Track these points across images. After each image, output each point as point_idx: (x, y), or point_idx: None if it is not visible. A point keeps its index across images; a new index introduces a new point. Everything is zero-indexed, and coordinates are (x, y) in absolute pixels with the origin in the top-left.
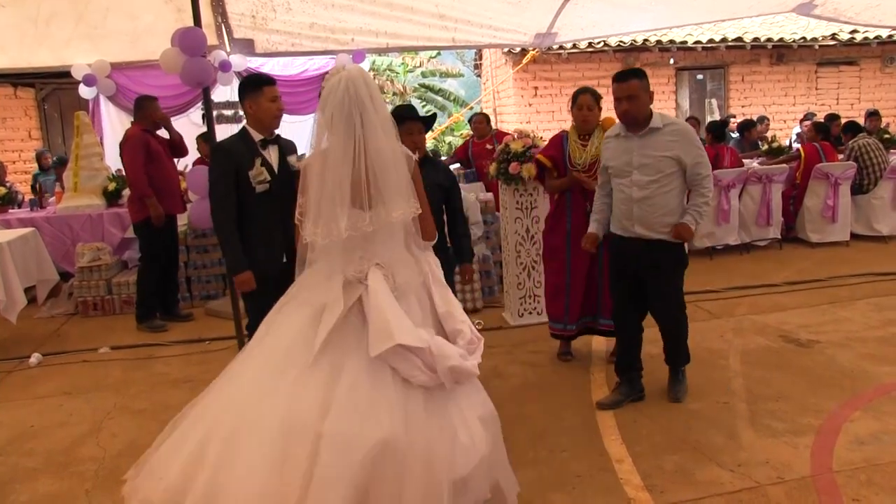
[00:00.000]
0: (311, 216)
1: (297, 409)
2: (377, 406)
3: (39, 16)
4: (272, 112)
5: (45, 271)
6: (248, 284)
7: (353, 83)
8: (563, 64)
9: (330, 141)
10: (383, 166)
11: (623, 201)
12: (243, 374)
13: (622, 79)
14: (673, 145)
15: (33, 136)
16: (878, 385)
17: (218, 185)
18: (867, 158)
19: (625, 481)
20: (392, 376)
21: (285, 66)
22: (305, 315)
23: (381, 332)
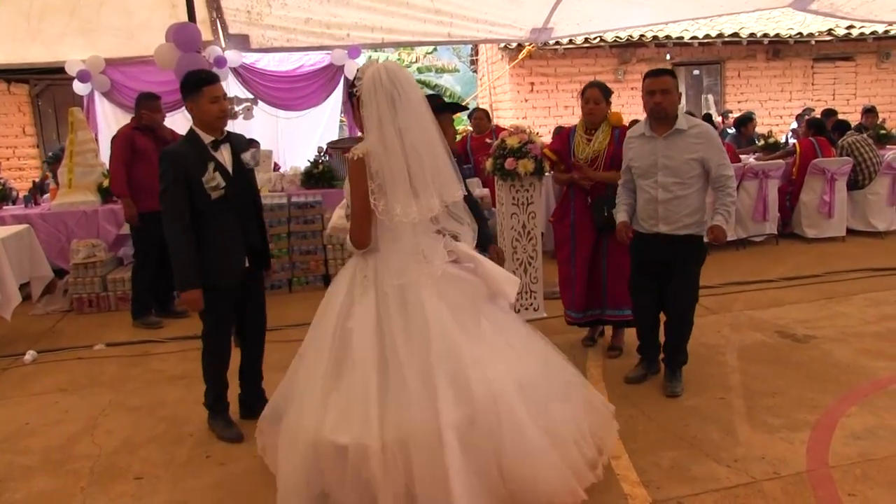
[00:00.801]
0: (397, 197)
1: (509, 365)
2: (527, 333)
3: (32, 11)
4: (214, 113)
5: (40, 268)
6: (195, 305)
7: (391, 71)
8: (559, 59)
9: (382, 128)
10: (434, 149)
11: (648, 201)
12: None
13: (657, 74)
14: (698, 147)
15: (27, 133)
16: (874, 380)
17: (168, 194)
18: (858, 155)
19: (621, 477)
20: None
21: (281, 62)
22: (433, 294)
23: (509, 279)
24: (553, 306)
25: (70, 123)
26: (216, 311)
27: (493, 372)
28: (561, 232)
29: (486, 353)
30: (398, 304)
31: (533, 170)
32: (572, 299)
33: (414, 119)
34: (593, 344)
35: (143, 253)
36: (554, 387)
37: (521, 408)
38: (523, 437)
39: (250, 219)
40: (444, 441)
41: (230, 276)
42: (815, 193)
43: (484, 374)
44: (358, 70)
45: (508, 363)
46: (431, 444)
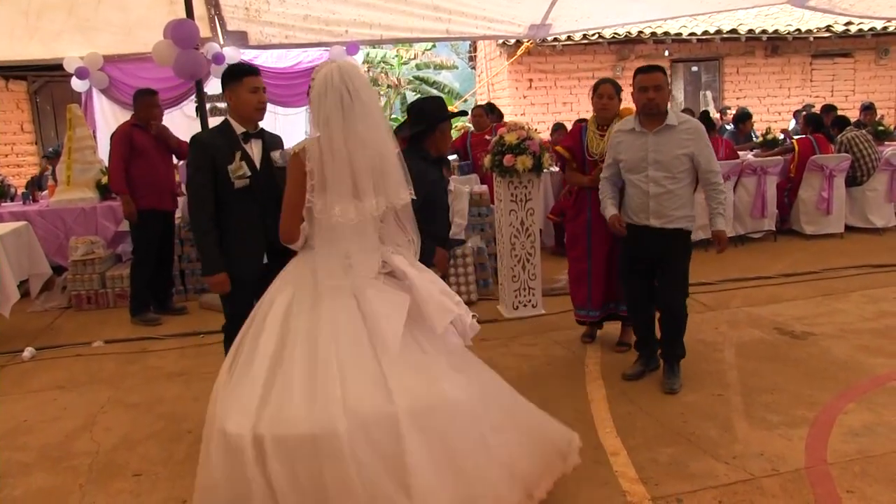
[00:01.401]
0: (323, 198)
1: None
2: (459, 358)
3: (30, 8)
4: (252, 104)
5: (38, 265)
6: (222, 286)
7: (345, 71)
8: (557, 56)
9: (329, 128)
10: (383, 152)
11: (638, 195)
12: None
13: (648, 70)
14: (688, 143)
15: (25, 129)
16: (872, 377)
17: (194, 180)
18: (857, 151)
19: (620, 474)
20: (444, 344)
21: (279, 59)
22: (352, 303)
23: (441, 307)
24: (551, 303)
25: (68, 120)
26: (234, 301)
27: (392, 392)
28: (575, 229)
29: (391, 371)
30: (310, 304)
31: (531, 166)
32: (588, 297)
33: (362, 121)
34: (592, 340)
35: (142, 250)
36: (474, 421)
37: (410, 437)
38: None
39: (273, 216)
40: (340, 445)
41: (247, 268)
42: (814, 190)
43: (379, 394)
44: (314, 70)
45: (415, 385)
46: (304, 448)
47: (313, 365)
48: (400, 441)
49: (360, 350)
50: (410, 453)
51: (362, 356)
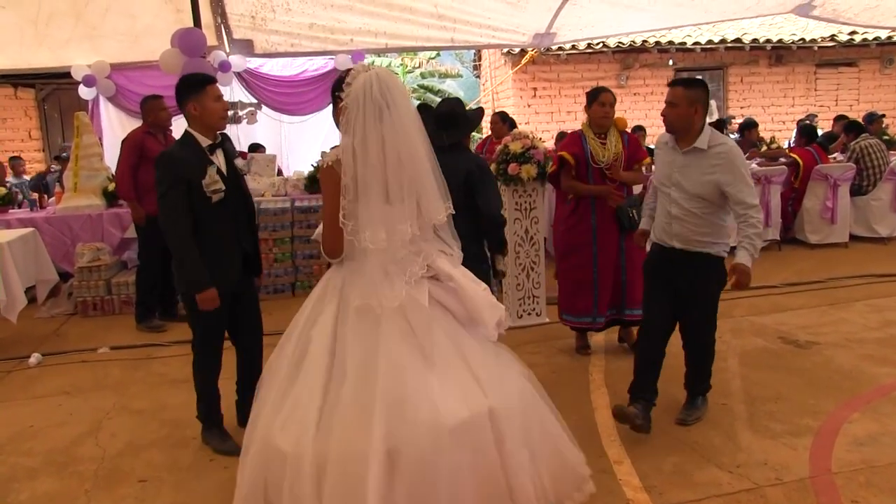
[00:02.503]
0: (363, 219)
1: (463, 402)
2: (503, 366)
3: (39, 16)
4: (219, 112)
5: (45, 271)
6: (212, 303)
7: (383, 80)
8: (561, 65)
9: (365, 138)
10: (420, 164)
11: (663, 214)
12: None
13: (671, 84)
14: (715, 169)
15: (33, 137)
16: (876, 386)
17: (169, 198)
18: (868, 160)
19: (624, 482)
20: (487, 342)
21: (284, 67)
22: (395, 323)
23: (491, 304)
24: (556, 311)
25: (75, 127)
26: (208, 317)
27: (440, 407)
28: (576, 238)
29: (440, 383)
30: (355, 321)
31: (536, 175)
32: (595, 304)
33: (401, 133)
34: (590, 350)
35: (148, 256)
36: (515, 431)
37: (459, 450)
38: (451, 483)
39: (243, 224)
40: (369, 467)
41: (226, 281)
42: (818, 199)
43: (428, 409)
44: (348, 74)
45: (463, 399)
46: (352, 467)
47: (358, 382)
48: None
49: (413, 366)
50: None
51: (414, 371)
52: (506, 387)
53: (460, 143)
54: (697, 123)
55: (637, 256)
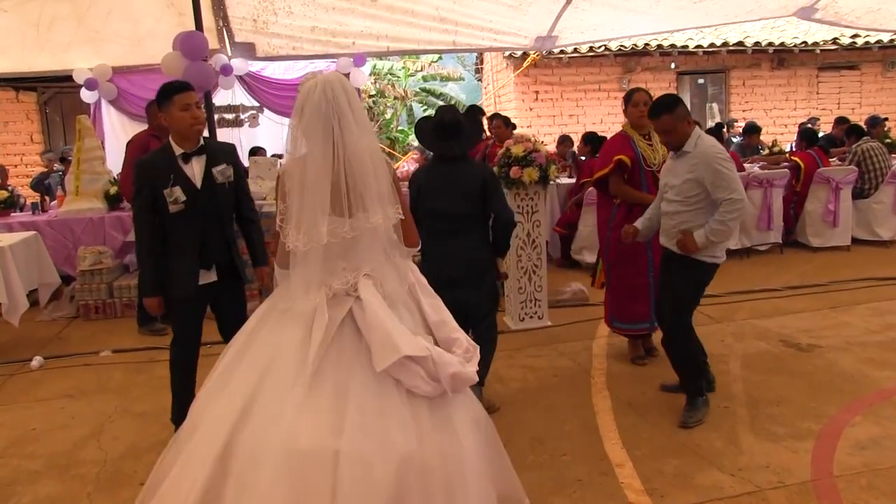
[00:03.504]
0: (292, 223)
1: (309, 433)
2: (389, 421)
3: (41, 20)
4: (185, 121)
5: (47, 274)
6: (155, 309)
7: (330, 87)
8: (563, 68)
9: (308, 146)
10: (363, 171)
11: (664, 217)
12: (235, 398)
13: (654, 115)
14: (695, 168)
15: (35, 140)
16: (878, 390)
17: (135, 203)
18: (870, 163)
19: (625, 485)
20: (397, 388)
21: (286, 70)
22: (297, 330)
23: (386, 345)
24: (557, 315)
25: (77, 131)
26: (177, 320)
27: (281, 430)
28: (631, 245)
29: (294, 406)
30: (272, 322)
31: (537, 178)
32: (652, 309)
33: (346, 138)
34: (645, 360)
35: None
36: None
37: (277, 477)
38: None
39: (214, 234)
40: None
41: (183, 289)
42: (820, 202)
43: (267, 426)
44: (301, 83)
45: (310, 427)
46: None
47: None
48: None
49: (286, 379)
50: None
51: (283, 385)
52: (378, 438)
53: (468, 154)
54: (689, 132)
55: None
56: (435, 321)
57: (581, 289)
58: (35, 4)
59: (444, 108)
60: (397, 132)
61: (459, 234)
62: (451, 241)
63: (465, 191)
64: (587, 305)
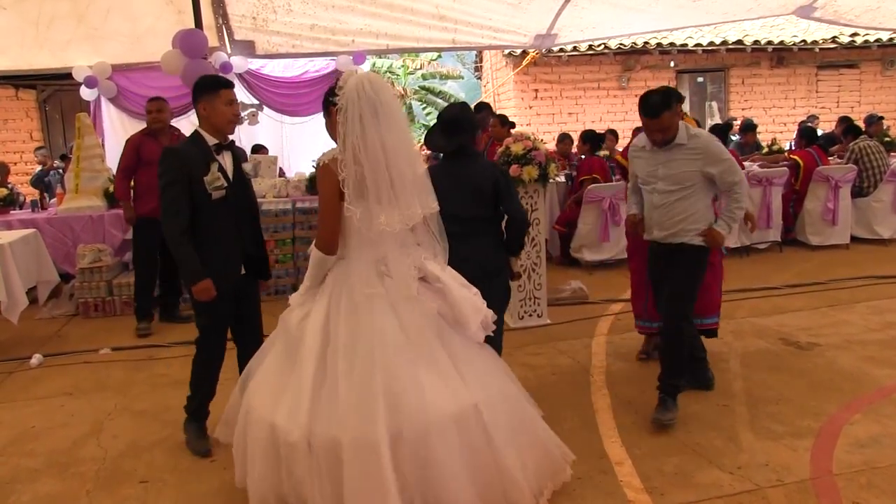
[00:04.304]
0: (377, 205)
1: (453, 395)
2: (484, 369)
3: (40, 18)
4: (227, 116)
5: (46, 272)
6: (208, 293)
7: (374, 82)
8: (563, 66)
9: (364, 136)
10: (413, 161)
11: (647, 207)
12: (370, 387)
13: (653, 115)
14: (696, 161)
15: (34, 138)
16: (878, 388)
17: (169, 192)
18: (867, 161)
19: (625, 483)
20: (471, 342)
21: (286, 68)
22: (389, 314)
23: (475, 307)
24: (557, 313)
25: (77, 129)
26: (211, 313)
27: (430, 400)
28: (636, 240)
29: (429, 379)
30: (348, 313)
31: (537, 176)
32: (644, 307)
33: (395, 130)
34: (647, 358)
35: (140, 258)
36: (499, 424)
37: (449, 441)
38: (444, 471)
39: (247, 226)
40: (381, 451)
41: (225, 278)
42: (819, 201)
43: (420, 401)
44: (339, 79)
45: (451, 393)
46: (366, 451)
47: (355, 373)
48: (439, 446)
49: (404, 360)
50: (444, 461)
51: (403, 364)
52: (489, 384)
53: (472, 149)
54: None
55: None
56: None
57: (580, 287)
58: (34, 2)
59: (449, 104)
60: None
61: (470, 237)
62: (462, 245)
63: (477, 191)
64: (587, 303)
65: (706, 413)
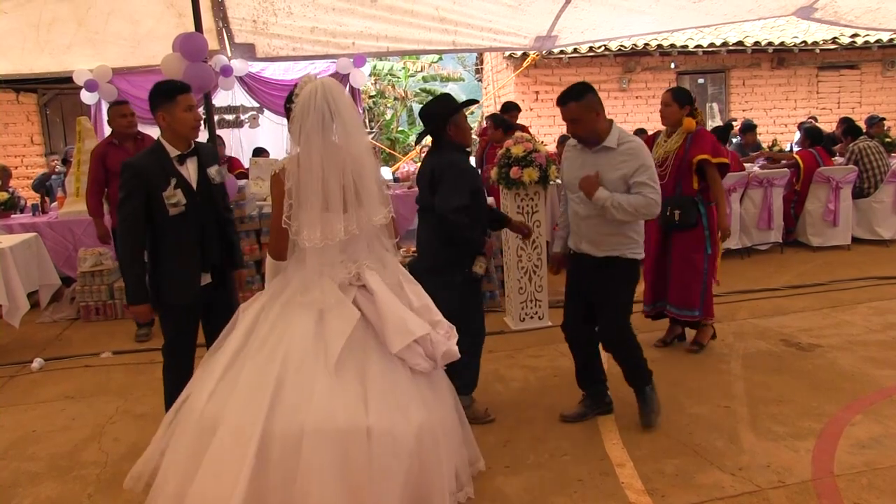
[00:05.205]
0: (305, 220)
1: (342, 413)
2: (403, 396)
3: (41, 21)
4: (189, 123)
5: (48, 276)
6: (144, 316)
7: (329, 89)
8: (563, 68)
9: (311, 145)
10: (361, 171)
11: (572, 216)
12: (260, 389)
13: (561, 102)
14: (623, 165)
15: (35, 142)
16: (879, 389)
17: (125, 207)
18: (867, 161)
19: (626, 485)
20: (402, 367)
21: (286, 71)
22: (307, 320)
23: (401, 329)
24: (558, 314)
25: (78, 132)
26: (173, 326)
27: (316, 408)
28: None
29: (326, 389)
30: (276, 314)
31: (537, 178)
32: (645, 291)
33: (343, 139)
34: (663, 346)
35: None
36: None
37: (323, 454)
38: (309, 484)
39: (211, 236)
40: (250, 440)
41: (184, 294)
42: (820, 202)
43: (305, 407)
44: (296, 86)
45: (342, 409)
46: (238, 437)
47: (255, 364)
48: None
49: (308, 365)
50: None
51: (307, 371)
52: (398, 412)
53: (443, 140)
54: (602, 124)
55: (685, 259)
56: (418, 306)
57: None
58: (35, 6)
59: None
60: (397, 133)
61: (421, 223)
62: (419, 230)
63: (426, 181)
64: None
65: (707, 414)
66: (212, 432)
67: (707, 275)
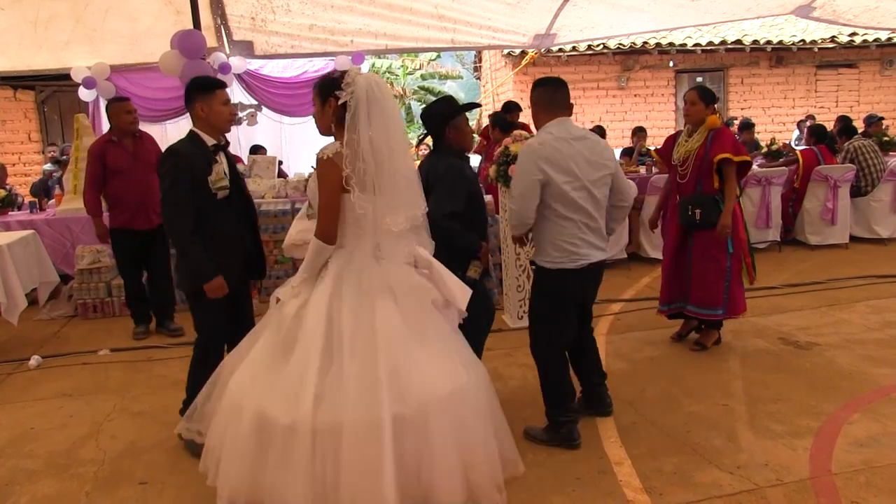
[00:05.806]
0: (381, 206)
1: (446, 377)
2: (467, 349)
3: (39, 18)
4: (226, 116)
5: (46, 273)
6: (222, 290)
7: (381, 85)
8: (562, 66)
9: (380, 132)
10: (409, 161)
11: None
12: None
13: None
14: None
15: (33, 139)
16: (877, 387)
17: (173, 192)
18: (863, 160)
19: (624, 483)
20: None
21: (285, 68)
22: (390, 300)
23: (463, 290)
24: None
25: (75, 130)
26: (213, 315)
27: (429, 381)
28: (664, 228)
29: (427, 360)
30: (351, 300)
31: None
32: (662, 290)
33: (395, 131)
34: (678, 340)
35: (119, 269)
36: (478, 407)
37: (447, 418)
38: (440, 447)
39: (246, 226)
40: (383, 432)
41: (230, 278)
42: (819, 200)
43: (421, 383)
44: (345, 75)
45: (446, 374)
46: (367, 433)
47: (357, 357)
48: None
49: (404, 342)
50: (439, 440)
51: (407, 350)
52: (475, 367)
53: (441, 144)
54: (539, 121)
55: (704, 259)
56: None
57: None
58: (32, 3)
59: None
60: None
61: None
62: None
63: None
64: None
65: (705, 412)
66: (336, 435)
67: (731, 272)
